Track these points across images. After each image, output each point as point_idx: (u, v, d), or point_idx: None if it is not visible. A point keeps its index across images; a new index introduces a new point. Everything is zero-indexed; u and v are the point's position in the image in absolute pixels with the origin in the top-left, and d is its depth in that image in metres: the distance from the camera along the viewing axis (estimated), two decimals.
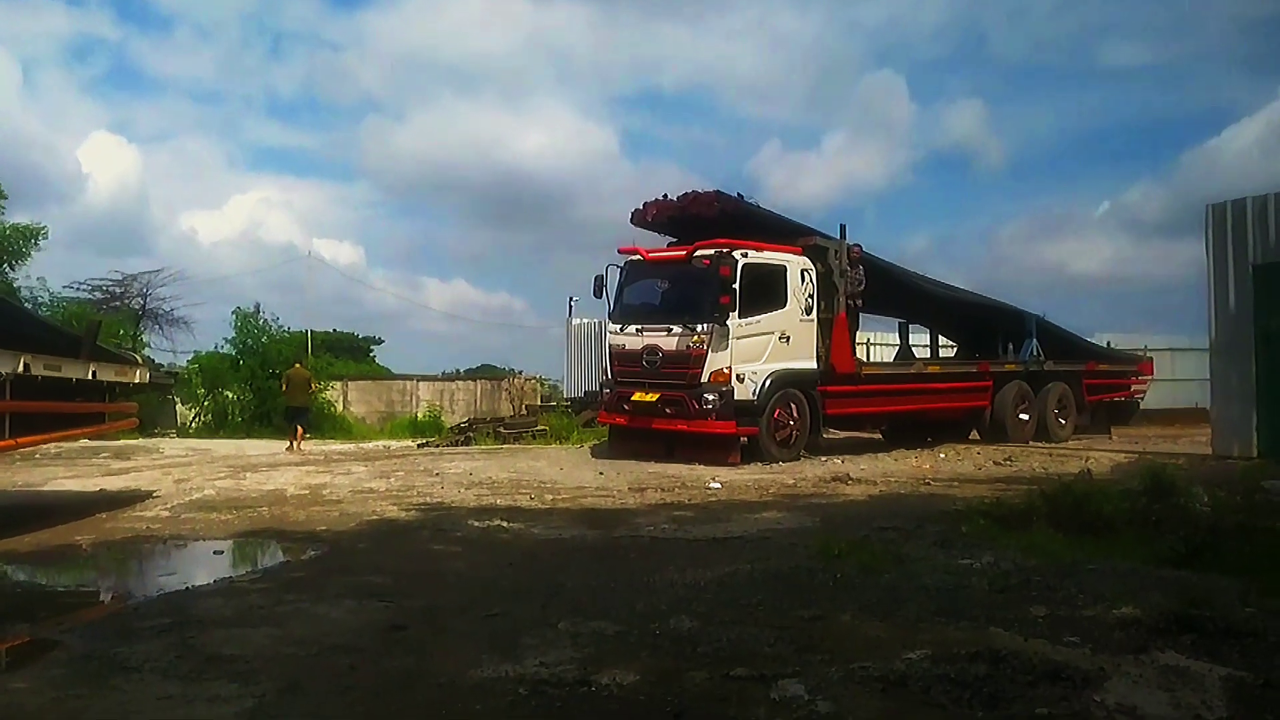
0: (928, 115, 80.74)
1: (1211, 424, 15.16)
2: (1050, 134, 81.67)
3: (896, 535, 7.87)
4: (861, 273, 15.24)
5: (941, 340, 20.76)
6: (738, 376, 13.59)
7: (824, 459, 14.57)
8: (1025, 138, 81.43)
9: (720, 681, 4.24)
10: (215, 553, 8.17)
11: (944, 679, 4.16)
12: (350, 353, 45.25)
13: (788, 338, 14.24)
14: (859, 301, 15.41)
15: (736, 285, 13.57)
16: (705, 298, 13.71)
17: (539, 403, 30.01)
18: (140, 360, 11.00)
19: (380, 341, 53.00)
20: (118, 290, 32.28)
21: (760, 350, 13.95)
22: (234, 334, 26.62)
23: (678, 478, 12.25)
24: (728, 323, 13.56)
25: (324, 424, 26.10)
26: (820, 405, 14.58)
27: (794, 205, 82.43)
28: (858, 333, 16.25)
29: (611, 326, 14.93)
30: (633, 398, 14.16)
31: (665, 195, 15.31)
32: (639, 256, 14.87)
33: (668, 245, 15.58)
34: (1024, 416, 18.03)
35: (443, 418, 29.86)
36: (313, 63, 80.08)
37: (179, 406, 26.76)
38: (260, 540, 8.62)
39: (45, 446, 18.70)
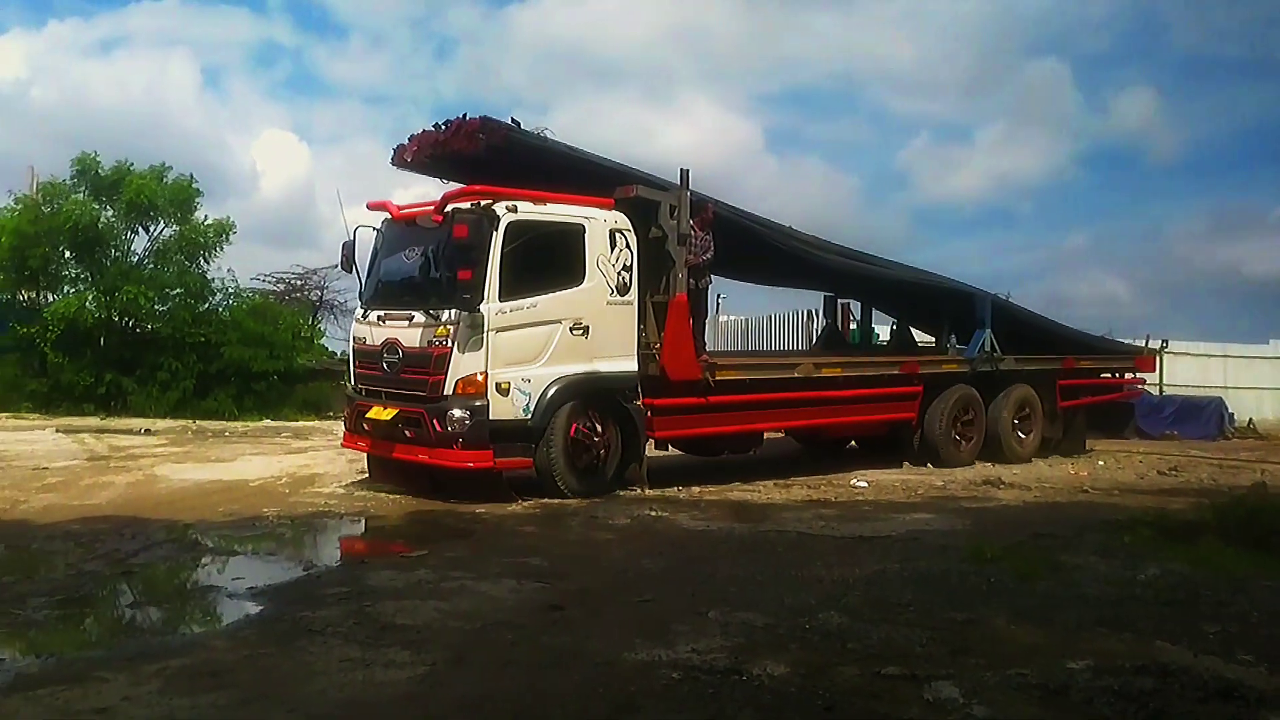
0: (1094, 105, 75.32)
1: None
2: (1228, 128, 74.52)
3: (1053, 542, 7.62)
4: (710, 240, 11.00)
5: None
6: (498, 386, 9.42)
7: (977, 463, 14.05)
8: (1200, 131, 74.65)
9: (871, 678, 4.28)
10: (385, 529, 8.69)
11: (1107, 691, 4.07)
12: None
13: (585, 329, 9.98)
14: (708, 279, 11.31)
15: (495, 253, 9.44)
16: (449, 272, 9.73)
17: None
18: None
19: None
20: (298, 283, 34.48)
21: (538, 347, 9.73)
22: None
23: (821, 475, 12.20)
24: (482, 308, 9.37)
25: None
26: (644, 423, 10.39)
27: (943, 202, 74.91)
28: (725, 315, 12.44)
29: (357, 312, 11.04)
30: (368, 415, 10.05)
31: (437, 124, 10.80)
32: (387, 214, 10.77)
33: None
34: (960, 437, 13.58)
35: None
36: (467, 63, 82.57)
37: None
38: (427, 519, 9.09)
39: (233, 425, 20.26)
